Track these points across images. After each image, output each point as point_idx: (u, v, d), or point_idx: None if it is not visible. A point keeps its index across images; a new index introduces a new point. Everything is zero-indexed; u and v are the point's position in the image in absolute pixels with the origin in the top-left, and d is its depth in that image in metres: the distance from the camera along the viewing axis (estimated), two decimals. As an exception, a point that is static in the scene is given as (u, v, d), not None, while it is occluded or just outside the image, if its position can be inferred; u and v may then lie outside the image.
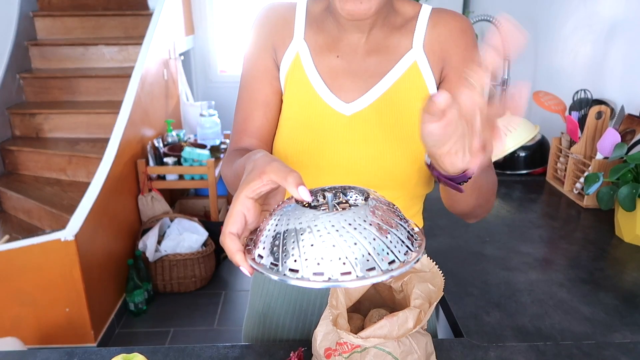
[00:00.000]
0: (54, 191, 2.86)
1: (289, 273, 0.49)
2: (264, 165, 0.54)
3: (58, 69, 3.35)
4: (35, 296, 2.18)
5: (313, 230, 0.50)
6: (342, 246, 0.49)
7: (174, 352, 0.87)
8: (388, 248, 0.50)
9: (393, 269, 0.50)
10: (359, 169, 0.84)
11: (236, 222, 0.53)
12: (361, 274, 0.49)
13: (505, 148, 1.68)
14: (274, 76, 0.86)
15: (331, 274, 0.49)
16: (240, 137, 0.86)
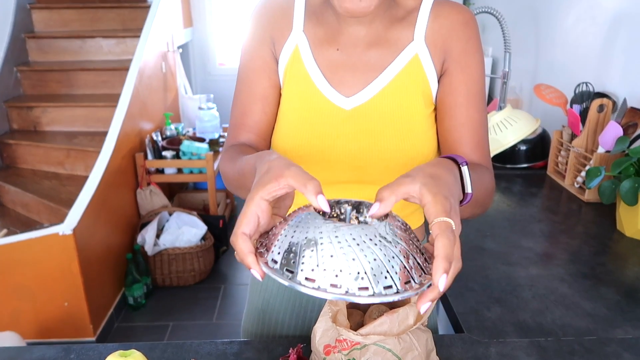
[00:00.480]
0: (52, 185, 2.85)
1: (305, 282, 0.48)
2: (282, 169, 0.53)
3: (56, 62, 3.33)
4: (34, 290, 2.18)
5: (333, 241, 0.49)
6: (362, 260, 0.48)
7: (172, 348, 0.87)
8: (405, 268, 0.49)
9: (408, 289, 0.49)
10: (359, 164, 0.83)
11: (250, 222, 0.52)
12: (378, 291, 0.48)
13: (506, 142, 1.67)
14: (272, 69, 0.84)
15: (348, 287, 0.47)
16: (238, 132, 0.85)
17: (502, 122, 1.70)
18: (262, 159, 0.58)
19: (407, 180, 0.52)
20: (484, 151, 0.82)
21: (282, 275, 0.49)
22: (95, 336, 2.27)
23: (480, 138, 0.81)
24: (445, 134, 0.82)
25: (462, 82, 0.80)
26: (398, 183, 0.52)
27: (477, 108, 0.81)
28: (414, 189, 0.51)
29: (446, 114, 0.81)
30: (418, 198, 0.52)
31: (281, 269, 0.50)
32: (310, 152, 0.82)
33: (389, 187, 0.52)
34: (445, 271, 0.47)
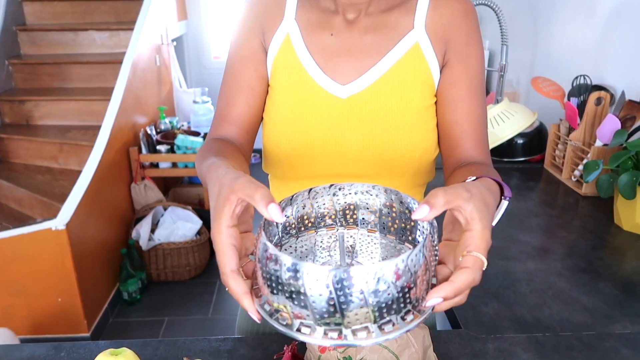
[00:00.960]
0: (45, 179, 2.82)
1: (303, 328, 0.44)
2: (230, 184, 0.49)
3: (48, 55, 3.29)
4: (27, 286, 2.16)
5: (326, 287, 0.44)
6: (362, 308, 0.43)
7: (165, 345, 0.85)
8: (411, 301, 0.44)
9: (410, 321, 0.44)
10: (355, 157, 0.80)
11: (232, 257, 0.47)
12: (376, 332, 0.44)
13: (503, 135, 1.66)
14: (259, 60, 0.82)
15: (346, 334, 0.43)
16: (220, 123, 0.82)
17: (499, 115, 1.69)
18: (212, 178, 0.54)
19: (465, 195, 0.47)
20: (485, 147, 0.80)
21: (277, 321, 0.45)
22: (89, 332, 2.25)
23: (482, 134, 0.80)
24: (446, 128, 0.80)
25: (463, 75, 0.79)
26: (455, 194, 0.47)
27: (479, 102, 0.80)
28: (466, 208, 0.47)
29: (447, 107, 0.79)
30: (465, 218, 0.47)
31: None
32: (304, 144, 0.80)
33: (444, 194, 0.47)
34: (445, 299, 0.45)
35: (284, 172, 0.84)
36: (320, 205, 0.57)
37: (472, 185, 0.50)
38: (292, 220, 0.56)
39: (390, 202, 0.55)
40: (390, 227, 0.56)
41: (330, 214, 0.57)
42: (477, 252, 0.46)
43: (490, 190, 0.54)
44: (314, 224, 0.57)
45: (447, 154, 0.80)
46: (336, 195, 0.56)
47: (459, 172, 0.73)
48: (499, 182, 0.58)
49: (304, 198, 0.55)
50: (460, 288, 0.45)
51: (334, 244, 0.57)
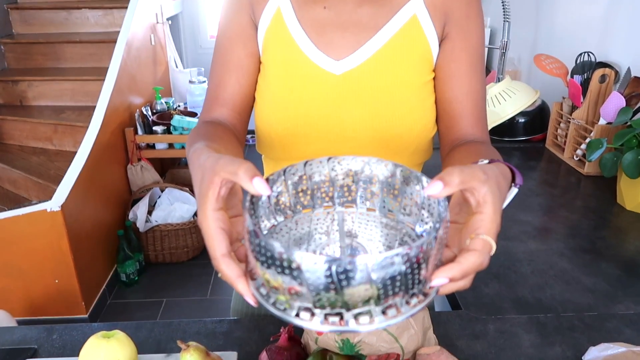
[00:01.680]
0: (40, 161, 2.78)
1: (302, 313, 0.41)
2: (212, 167, 0.46)
3: (41, 34, 3.22)
4: (23, 268, 2.14)
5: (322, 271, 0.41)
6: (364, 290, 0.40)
7: (159, 327, 0.84)
8: (417, 283, 0.42)
9: (413, 305, 0.42)
10: (350, 135, 0.77)
11: (221, 241, 0.45)
12: (379, 318, 0.41)
13: (504, 114, 1.63)
14: (249, 36, 0.78)
15: (347, 319, 0.41)
16: (211, 105, 0.78)
17: (501, 93, 1.65)
18: (195, 166, 0.51)
19: (481, 177, 0.45)
20: (484, 125, 0.77)
21: (273, 305, 0.43)
22: (87, 313, 2.25)
23: (481, 111, 0.77)
24: (445, 105, 0.77)
25: (463, 49, 0.75)
26: (472, 174, 0.45)
27: (479, 78, 0.77)
28: (481, 190, 0.44)
29: (447, 83, 0.76)
30: (476, 200, 0.45)
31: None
32: (298, 123, 0.77)
33: (460, 173, 0.44)
34: (451, 280, 0.43)
35: (278, 153, 0.81)
36: (317, 179, 0.54)
37: (488, 168, 0.48)
38: (287, 197, 0.53)
39: (393, 174, 0.52)
40: (391, 205, 0.54)
41: (327, 191, 0.55)
42: (487, 236, 0.44)
43: (504, 176, 0.51)
44: (310, 201, 0.55)
45: (445, 132, 0.78)
46: (334, 170, 0.54)
47: (457, 151, 0.70)
48: (512, 169, 0.56)
49: (298, 171, 0.53)
50: (468, 270, 0.43)
51: (331, 224, 0.55)
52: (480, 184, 0.45)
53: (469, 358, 0.75)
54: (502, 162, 0.55)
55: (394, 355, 0.66)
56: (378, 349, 0.65)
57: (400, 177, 0.52)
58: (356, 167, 0.54)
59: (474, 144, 0.71)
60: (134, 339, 0.77)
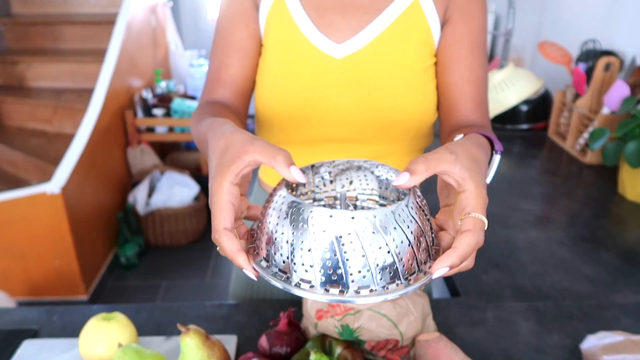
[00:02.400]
0: (39, 142, 2.77)
1: (303, 284, 0.42)
2: (244, 145, 0.45)
3: (40, 14, 3.18)
4: (23, 249, 2.15)
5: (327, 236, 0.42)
6: (363, 259, 0.41)
7: (159, 310, 0.84)
8: (414, 259, 0.42)
9: (413, 282, 0.43)
10: (351, 119, 0.77)
11: (228, 215, 0.44)
12: (379, 289, 0.41)
13: (507, 102, 1.61)
14: (250, 18, 0.77)
15: (347, 289, 0.41)
16: (212, 87, 0.77)
17: (504, 81, 1.64)
18: (216, 133, 0.50)
19: (449, 157, 0.45)
20: (484, 111, 0.76)
21: (274, 276, 0.43)
22: (87, 295, 2.26)
23: (482, 96, 0.76)
24: (445, 90, 0.76)
25: (466, 33, 0.74)
26: (438, 158, 0.44)
27: (480, 63, 0.76)
28: (454, 170, 0.44)
29: (447, 67, 0.75)
30: (455, 180, 0.45)
31: (275, 269, 0.44)
32: (298, 106, 0.76)
33: (425, 160, 0.44)
34: (451, 267, 0.42)
35: (277, 137, 0.80)
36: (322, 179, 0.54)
37: (456, 145, 0.47)
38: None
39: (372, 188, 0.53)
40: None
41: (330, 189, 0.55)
42: (476, 213, 0.44)
43: (479, 145, 0.51)
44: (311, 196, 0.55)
45: (445, 117, 0.77)
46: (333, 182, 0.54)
47: (455, 136, 0.70)
48: (488, 137, 0.55)
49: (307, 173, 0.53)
50: (465, 253, 0.42)
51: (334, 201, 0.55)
52: (450, 165, 0.44)
53: (467, 345, 0.76)
54: (477, 132, 0.54)
55: (393, 341, 0.66)
56: (377, 334, 0.65)
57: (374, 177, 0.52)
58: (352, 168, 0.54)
59: (472, 127, 0.71)
60: (134, 321, 0.77)
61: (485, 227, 0.44)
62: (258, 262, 0.45)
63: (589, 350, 0.70)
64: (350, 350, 0.65)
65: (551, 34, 2.06)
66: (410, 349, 0.68)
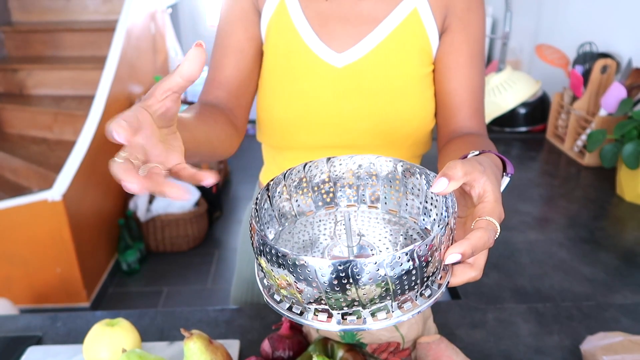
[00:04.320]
0: (40, 150, 2.78)
1: (320, 315, 0.42)
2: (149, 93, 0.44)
3: (40, 22, 3.20)
4: (25, 257, 2.15)
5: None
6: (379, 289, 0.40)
7: (162, 315, 0.84)
8: (430, 277, 0.42)
9: (426, 299, 0.43)
10: (351, 126, 0.78)
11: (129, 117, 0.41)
12: (395, 313, 0.41)
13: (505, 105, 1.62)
14: (250, 21, 0.77)
15: (365, 316, 0.41)
16: (207, 89, 0.77)
17: (502, 84, 1.65)
18: None
19: (479, 167, 0.45)
20: (481, 118, 0.77)
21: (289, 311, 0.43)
22: (89, 302, 2.26)
23: (479, 104, 0.77)
24: (443, 97, 0.77)
25: (464, 41, 0.75)
26: (472, 166, 0.45)
27: (478, 71, 0.77)
28: (480, 180, 0.45)
29: (445, 75, 0.76)
30: (477, 192, 0.46)
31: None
32: (299, 113, 0.77)
33: (463, 166, 0.44)
34: (463, 257, 0.42)
35: (278, 141, 0.81)
36: (317, 181, 0.54)
37: (482, 159, 0.49)
38: (288, 201, 0.53)
39: (393, 169, 0.53)
40: (393, 200, 0.54)
41: (328, 192, 0.55)
42: (492, 219, 0.45)
43: (496, 166, 0.52)
44: (312, 204, 0.55)
45: (443, 124, 0.78)
46: (334, 169, 0.54)
47: (454, 143, 0.71)
48: (502, 158, 0.56)
49: (299, 173, 0.53)
50: (476, 245, 0.43)
51: (335, 225, 0.55)
52: (480, 174, 0.45)
53: (468, 347, 0.76)
54: (492, 152, 0.55)
55: (394, 344, 0.67)
56: (379, 337, 0.66)
57: (401, 171, 0.52)
58: (355, 165, 0.54)
59: (470, 136, 0.72)
60: (137, 326, 0.78)
61: (497, 232, 0.45)
62: (272, 294, 0.45)
63: (588, 351, 0.71)
64: (352, 354, 0.65)
65: (548, 36, 2.07)
66: (412, 351, 0.69)
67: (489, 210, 0.45)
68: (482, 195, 0.46)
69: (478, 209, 0.46)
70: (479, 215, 0.45)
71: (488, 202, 0.45)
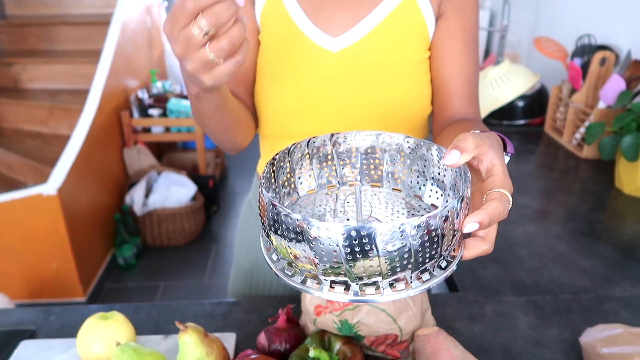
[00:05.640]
0: (35, 144, 2.76)
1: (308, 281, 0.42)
2: None
3: (34, 16, 3.17)
4: (21, 251, 2.14)
5: None
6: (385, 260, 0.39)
7: (158, 309, 0.83)
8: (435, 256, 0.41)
9: (437, 274, 0.42)
10: (348, 112, 0.77)
11: None
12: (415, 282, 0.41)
13: (503, 98, 1.62)
14: (247, 13, 0.77)
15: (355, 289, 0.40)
16: None
17: (500, 77, 1.64)
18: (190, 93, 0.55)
19: (488, 142, 0.45)
20: (475, 104, 0.77)
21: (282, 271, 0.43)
22: (85, 296, 2.25)
23: (474, 90, 0.77)
24: (439, 83, 0.77)
25: (459, 27, 0.75)
26: (482, 139, 0.45)
27: (472, 57, 0.77)
28: (489, 155, 0.45)
29: (440, 61, 0.76)
30: (485, 166, 0.45)
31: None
32: (295, 100, 0.76)
33: (474, 138, 0.44)
34: (481, 225, 0.42)
35: (275, 131, 0.80)
36: (321, 157, 0.53)
37: (488, 135, 0.49)
38: (291, 177, 0.52)
39: (400, 145, 0.52)
40: (397, 179, 0.53)
41: (331, 169, 0.54)
42: (504, 190, 0.44)
43: (498, 143, 0.51)
44: (315, 182, 0.54)
45: (438, 111, 0.78)
46: (338, 146, 0.53)
47: (450, 128, 0.70)
48: (503, 137, 0.55)
49: (302, 148, 0.52)
50: (493, 215, 0.42)
51: (336, 203, 0.54)
52: (489, 148, 0.45)
53: (466, 339, 0.75)
54: (494, 132, 0.55)
55: (392, 336, 0.66)
56: (376, 329, 0.65)
57: (407, 146, 0.52)
58: (360, 142, 0.53)
59: (466, 122, 0.71)
60: (132, 320, 0.77)
61: (510, 204, 0.45)
62: (271, 254, 0.44)
63: (588, 343, 0.70)
64: (350, 346, 0.64)
65: (546, 29, 2.06)
66: (410, 343, 0.68)
67: (500, 182, 0.44)
68: (490, 169, 0.45)
69: (488, 182, 0.45)
70: (490, 188, 0.45)
71: (498, 175, 0.45)
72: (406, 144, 0.51)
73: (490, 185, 0.45)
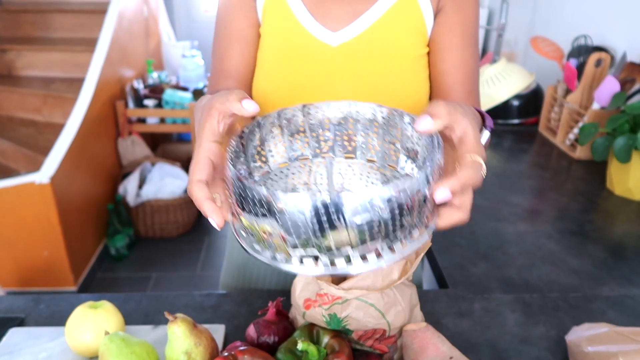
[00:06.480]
0: (29, 132, 2.74)
1: (278, 256, 0.41)
2: (210, 101, 0.49)
3: (30, 2, 3.14)
4: (12, 239, 2.13)
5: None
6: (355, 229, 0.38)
7: (147, 299, 0.84)
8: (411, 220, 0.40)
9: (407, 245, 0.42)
10: None
11: (203, 168, 0.47)
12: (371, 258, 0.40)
13: (499, 96, 1.62)
14: (249, 7, 0.77)
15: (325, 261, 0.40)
16: (217, 79, 0.78)
17: (496, 76, 1.64)
18: (197, 109, 0.54)
19: (461, 110, 0.45)
20: (475, 100, 0.77)
21: (252, 248, 0.43)
22: (76, 286, 2.25)
23: (473, 85, 0.77)
24: (438, 78, 0.77)
25: (458, 22, 0.75)
26: (454, 107, 0.45)
27: (472, 52, 0.76)
28: (461, 123, 0.45)
29: (440, 56, 0.76)
30: (457, 135, 0.45)
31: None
32: (294, 93, 0.76)
33: (446, 105, 0.44)
34: (453, 193, 0.42)
35: None
36: (293, 129, 0.53)
37: (462, 104, 0.49)
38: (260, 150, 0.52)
39: (373, 118, 0.52)
40: (371, 150, 0.53)
41: (303, 142, 0.53)
42: (478, 157, 0.44)
43: (475, 117, 0.52)
44: (285, 154, 0.53)
45: None
46: (309, 117, 0.53)
47: None
48: (481, 112, 0.56)
49: (273, 120, 0.52)
50: (464, 182, 0.42)
51: (309, 176, 0.54)
52: (462, 116, 0.45)
53: (454, 335, 0.76)
54: (470, 106, 0.55)
55: (380, 331, 0.67)
56: (365, 324, 0.66)
57: (381, 116, 0.51)
58: (333, 112, 0.53)
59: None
60: (122, 310, 0.77)
61: (483, 171, 0.44)
62: (238, 230, 0.44)
63: (573, 342, 0.71)
64: (338, 340, 0.65)
65: (543, 29, 2.07)
66: (398, 338, 0.69)
67: (471, 149, 0.44)
68: (462, 137, 0.45)
69: (460, 149, 0.45)
70: (463, 154, 0.45)
71: (470, 143, 0.45)
72: (380, 114, 0.51)
73: (462, 151, 0.45)
